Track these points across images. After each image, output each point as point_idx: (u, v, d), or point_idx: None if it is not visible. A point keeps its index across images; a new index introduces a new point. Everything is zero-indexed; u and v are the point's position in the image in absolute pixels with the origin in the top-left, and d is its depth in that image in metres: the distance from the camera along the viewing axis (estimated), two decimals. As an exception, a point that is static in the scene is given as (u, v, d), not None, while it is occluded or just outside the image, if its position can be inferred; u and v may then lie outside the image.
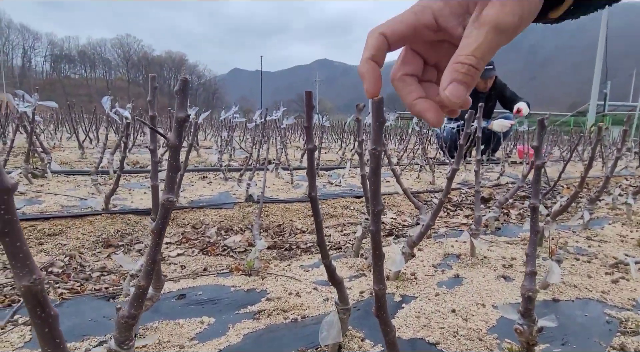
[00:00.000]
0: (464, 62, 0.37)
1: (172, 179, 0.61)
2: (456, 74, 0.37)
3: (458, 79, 0.37)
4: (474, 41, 0.37)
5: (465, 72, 0.37)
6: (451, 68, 0.38)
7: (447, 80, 0.38)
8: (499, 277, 1.29)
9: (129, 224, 1.93)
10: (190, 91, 50.59)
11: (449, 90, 0.37)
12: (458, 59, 0.37)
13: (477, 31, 0.37)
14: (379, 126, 0.46)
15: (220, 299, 1.10)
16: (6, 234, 0.33)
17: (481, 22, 0.36)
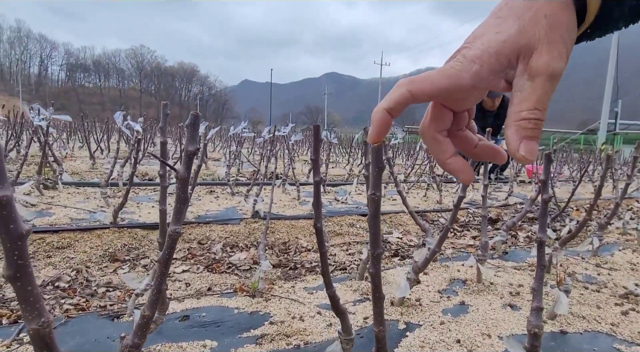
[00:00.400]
0: (530, 117, 0.36)
1: (180, 210, 0.62)
2: (525, 131, 0.36)
3: (528, 135, 0.36)
4: (532, 94, 0.36)
5: (533, 127, 0.36)
6: (516, 126, 0.36)
7: (516, 139, 0.36)
8: (505, 305, 1.27)
9: (136, 239, 1.95)
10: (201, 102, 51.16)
11: (523, 149, 0.36)
12: (521, 116, 0.36)
13: (532, 83, 0.36)
14: (379, 172, 0.46)
15: (224, 321, 1.10)
16: (18, 279, 0.34)
17: (534, 73, 0.35)
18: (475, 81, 0.38)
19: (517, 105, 0.36)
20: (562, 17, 0.36)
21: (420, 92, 0.38)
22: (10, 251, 0.33)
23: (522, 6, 0.36)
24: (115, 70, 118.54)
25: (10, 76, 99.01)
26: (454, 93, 0.39)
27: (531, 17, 0.36)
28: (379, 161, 0.44)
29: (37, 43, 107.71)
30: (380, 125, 0.40)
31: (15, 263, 0.33)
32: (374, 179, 0.45)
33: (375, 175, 0.44)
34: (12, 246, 0.33)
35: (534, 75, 0.35)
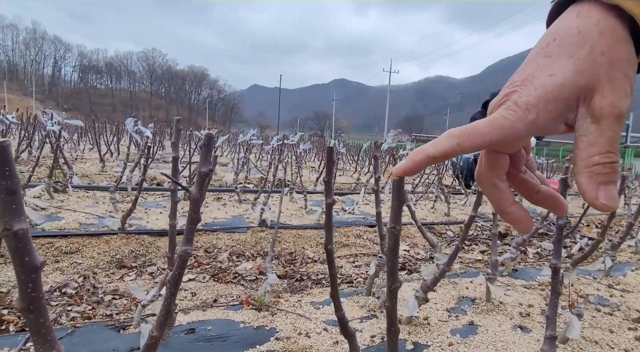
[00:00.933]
0: (603, 161, 0.33)
1: (191, 230, 0.61)
2: (600, 177, 0.33)
3: (605, 181, 0.33)
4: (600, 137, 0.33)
5: (609, 171, 0.33)
6: (589, 172, 0.34)
7: (593, 187, 0.34)
8: (515, 327, 1.25)
9: (143, 245, 1.95)
10: (210, 105, 51.48)
11: (603, 197, 0.33)
12: (593, 161, 0.33)
13: (598, 125, 0.33)
14: (399, 205, 0.45)
15: (230, 336, 1.09)
16: (31, 311, 0.33)
17: (598, 115, 0.33)
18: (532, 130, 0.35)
19: (585, 151, 0.33)
20: (621, 52, 0.33)
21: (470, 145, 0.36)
22: (25, 283, 0.33)
23: (574, 42, 0.33)
24: (127, 72, 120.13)
25: (24, 76, 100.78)
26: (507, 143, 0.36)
27: (586, 54, 0.33)
28: (400, 195, 0.43)
29: (52, 44, 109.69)
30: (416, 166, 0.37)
31: (29, 295, 0.33)
32: (394, 213, 0.44)
33: (396, 208, 0.43)
34: (26, 279, 0.33)
35: (599, 118, 0.33)
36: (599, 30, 0.33)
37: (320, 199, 3.33)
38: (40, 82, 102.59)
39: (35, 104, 52.68)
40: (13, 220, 0.31)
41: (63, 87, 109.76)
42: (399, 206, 0.43)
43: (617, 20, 0.33)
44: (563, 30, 0.34)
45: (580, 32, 0.33)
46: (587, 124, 0.33)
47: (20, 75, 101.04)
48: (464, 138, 0.35)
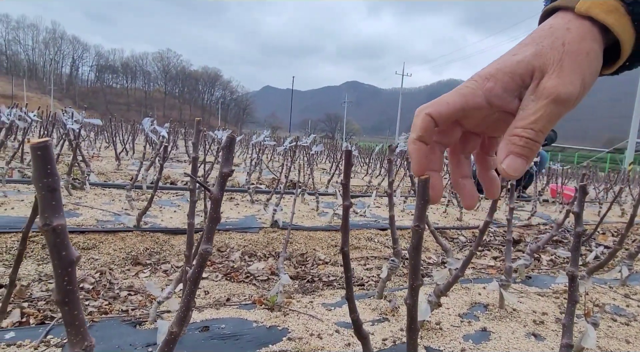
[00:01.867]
0: (521, 135, 0.36)
1: (211, 229, 0.63)
2: (513, 146, 0.36)
3: (515, 151, 0.36)
4: (531, 113, 0.36)
5: (523, 145, 0.36)
6: (507, 140, 0.37)
7: (504, 153, 0.37)
8: (529, 334, 1.23)
9: (158, 243, 1.98)
10: (223, 105, 51.98)
11: (506, 163, 0.36)
12: (515, 132, 0.36)
13: (535, 103, 0.36)
14: (424, 204, 0.46)
15: (243, 334, 1.10)
16: (66, 303, 0.35)
17: (540, 94, 0.36)
18: (489, 98, 0.38)
19: (515, 122, 0.37)
20: (582, 47, 0.36)
21: (438, 113, 0.39)
22: (61, 276, 0.34)
23: (543, 35, 0.37)
24: (142, 72, 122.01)
25: (43, 75, 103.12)
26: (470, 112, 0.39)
27: (550, 43, 0.36)
28: (425, 194, 0.44)
29: (70, 44, 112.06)
30: (418, 156, 0.41)
31: (65, 288, 0.35)
32: (419, 211, 0.44)
33: (421, 207, 0.44)
34: (63, 272, 0.34)
35: (539, 97, 0.35)
36: (566, 27, 0.36)
37: (332, 201, 3.33)
38: (59, 81, 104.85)
39: (53, 102, 53.85)
40: (53, 216, 0.33)
41: (80, 86, 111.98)
42: (424, 205, 0.44)
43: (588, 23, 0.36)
44: (539, 28, 0.39)
45: (551, 27, 0.37)
46: (529, 100, 0.36)
47: (39, 74, 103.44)
48: (431, 108, 0.40)
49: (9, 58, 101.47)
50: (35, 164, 0.32)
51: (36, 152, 0.31)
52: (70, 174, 2.42)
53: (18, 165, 2.94)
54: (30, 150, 0.32)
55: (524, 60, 0.37)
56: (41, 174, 0.32)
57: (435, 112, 0.40)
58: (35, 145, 0.31)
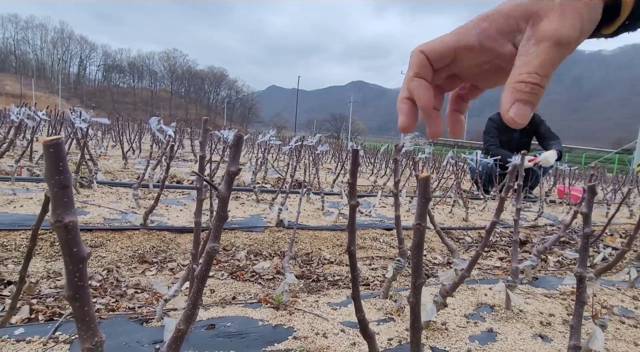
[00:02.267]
0: (527, 80, 0.35)
1: (218, 227, 0.63)
2: (519, 94, 0.35)
3: (522, 99, 0.35)
4: (534, 58, 0.35)
5: (530, 91, 0.35)
6: (512, 88, 0.36)
7: (509, 101, 0.36)
8: (535, 335, 1.22)
9: (164, 241, 1.99)
10: (228, 105, 52.28)
11: (514, 111, 0.36)
12: (519, 78, 0.36)
13: (537, 48, 0.35)
14: (425, 203, 0.46)
15: (248, 333, 1.10)
16: (77, 299, 0.35)
17: (540, 37, 0.35)
18: (482, 39, 0.38)
19: (517, 69, 0.36)
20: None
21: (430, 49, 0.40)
22: (72, 273, 0.35)
23: None
24: (149, 72, 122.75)
25: (51, 75, 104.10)
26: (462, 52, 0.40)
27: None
28: (426, 193, 0.44)
29: (78, 44, 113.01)
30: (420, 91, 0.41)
31: (76, 284, 0.35)
32: (420, 210, 0.44)
33: (422, 205, 0.44)
34: (74, 268, 0.35)
35: (540, 40, 0.35)
36: None
37: (337, 200, 3.33)
38: (66, 80, 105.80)
39: (61, 101, 54.31)
40: (64, 213, 0.33)
41: (87, 85, 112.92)
42: (425, 204, 0.44)
43: None
44: None
45: None
46: (529, 44, 0.36)
47: (47, 74, 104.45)
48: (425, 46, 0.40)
49: (18, 58, 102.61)
50: (48, 162, 0.32)
51: (48, 150, 0.32)
52: (78, 172, 2.44)
53: (27, 163, 2.97)
54: (42, 148, 0.32)
55: (522, 4, 0.36)
56: (53, 171, 0.32)
57: (428, 49, 0.41)
58: (47, 142, 0.32)
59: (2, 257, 1.62)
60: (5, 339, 0.96)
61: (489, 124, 4.98)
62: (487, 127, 4.97)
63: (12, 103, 2.82)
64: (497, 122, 4.91)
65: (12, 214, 2.01)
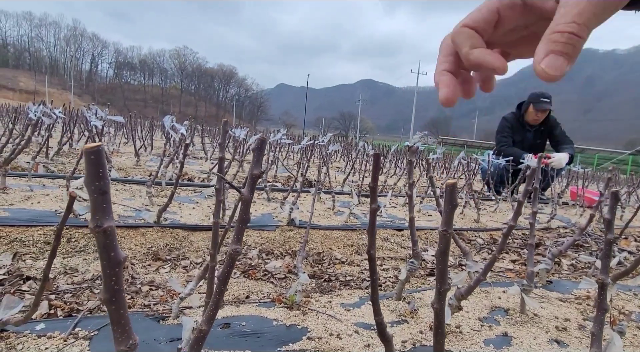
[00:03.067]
0: (564, 30, 0.33)
1: (241, 230, 0.63)
2: (554, 44, 0.33)
3: (557, 50, 0.33)
4: (574, 7, 0.33)
5: (566, 41, 0.33)
6: (547, 39, 0.34)
7: (542, 52, 0.34)
8: (551, 340, 1.21)
9: (177, 239, 2.01)
10: (237, 103, 52.50)
11: (546, 62, 0.34)
12: (556, 28, 0.34)
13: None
14: (452, 209, 0.46)
15: (263, 332, 1.11)
16: (113, 302, 0.36)
17: None
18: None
19: (556, 19, 0.34)
20: None
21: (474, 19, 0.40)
22: (109, 276, 0.35)
23: None
24: (159, 69, 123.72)
25: (64, 71, 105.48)
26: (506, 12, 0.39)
27: None
28: (453, 199, 0.44)
29: (90, 41, 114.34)
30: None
31: (112, 288, 0.36)
32: (447, 216, 0.44)
33: (448, 211, 0.44)
34: (111, 272, 0.35)
35: None
36: None
37: (347, 200, 3.33)
38: (79, 77, 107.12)
39: (73, 98, 54.98)
40: (103, 218, 0.34)
41: (99, 82, 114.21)
42: (452, 210, 0.44)
43: None
44: None
45: None
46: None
47: (60, 71, 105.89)
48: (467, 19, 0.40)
49: (32, 55, 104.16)
50: (88, 168, 0.33)
51: (89, 156, 0.32)
52: (93, 169, 2.48)
53: (43, 160, 3.02)
54: (83, 155, 0.33)
55: None
56: (93, 178, 0.33)
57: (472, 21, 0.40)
58: (89, 149, 0.32)
59: (21, 253, 1.65)
60: (27, 335, 0.98)
61: (502, 124, 4.90)
62: (500, 127, 4.89)
63: (27, 100, 2.85)
64: (511, 121, 4.84)
65: (29, 210, 2.04)
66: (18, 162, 3.22)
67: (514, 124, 4.82)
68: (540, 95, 4.59)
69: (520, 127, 4.81)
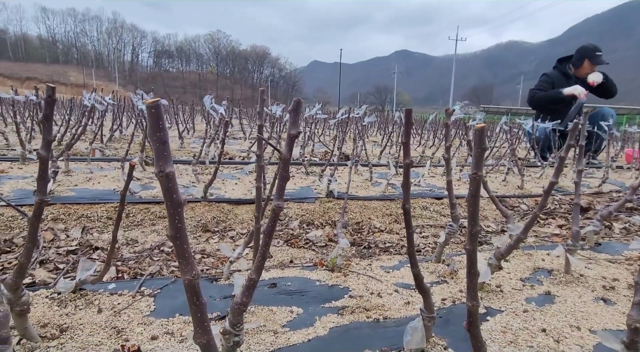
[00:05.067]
0: None
1: (281, 187, 0.69)
2: None
3: None
4: None
5: None
6: None
7: None
8: (597, 299, 1.19)
9: (223, 212, 2.13)
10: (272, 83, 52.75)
11: None
12: None
13: None
14: (481, 152, 0.48)
15: (307, 291, 1.19)
16: (177, 238, 0.42)
17: None
18: None
19: None
20: None
21: None
22: (173, 216, 0.41)
23: None
24: (195, 55, 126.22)
25: (108, 64, 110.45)
26: None
27: None
28: (482, 142, 0.46)
29: (130, 32, 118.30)
30: None
31: (176, 226, 0.42)
32: (476, 160, 0.46)
33: (478, 155, 0.46)
34: (174, 212, 0.41)
35: None
36: None
37: (385, 171, 3.33)
38: (122, 68, 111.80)
39: (118, 88, 57.68)
40: (165, 164, 0.39)
41: (140, 72, 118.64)
42: (481, 154, 0.46)
43: None
44: None
45: None
46: None
47: (105, 63, 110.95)
48: None
49: (79, 49, 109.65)
50: (150, 120, 0.38)
51: (150, 110, 0.37)
52: (143, 151, 2.65)
53: (99, 145, 3.26)
54: (145, 109, 0.38)
55: None
56: (154, 129, 0.38)
57: None
58: (149, 104, 0.37)
59: (88, 227, 1.84)
60: (101, 293, 1.11)
61: (541, 80, 4.61)
62: (542, 83, 4.60)
63: (78, 93, 3.06)
64: (553, 77, 4.53)
65: (91, 189, 2.24)
66: (77, 148, 3.50)
67: (557, 80, 4.51)
68: (595, 49, 4.26)
69: (565, 81, 4.50)
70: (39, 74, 78.43)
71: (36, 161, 2.78)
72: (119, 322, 0.97)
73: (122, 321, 0.97)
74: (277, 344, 0.90)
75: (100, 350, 0.85)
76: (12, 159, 2.89)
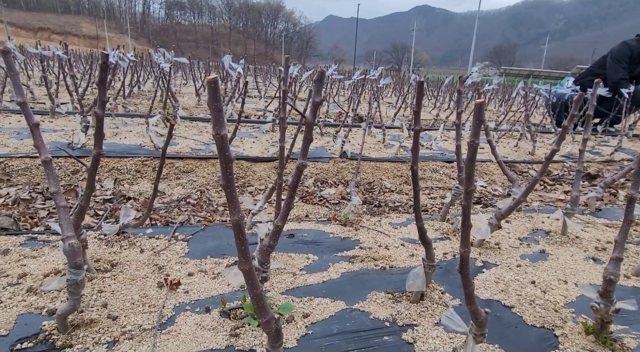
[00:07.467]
0: None
1: (305, 148, 0.78)
2: None
3: None
4: None
5: None
6: None
7: None
8: (588, 258, 1.30)
9: (242, 169, 2.26)
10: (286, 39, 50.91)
11: None
12: None
13: None
14: (478, 124, 0.56)
15: (321, 242, 1.32)
16: (228, 187, 0.53)
17: None
18: None
19: None
20: None
21: None
22: (225, 169, 0.52)
23: None
24: (207, 7, 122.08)
25: (120, 15, 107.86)
26: None
27: None
28: (480, 115, 0.54)
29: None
30: None
31: (227, 177, 0.52)
32: (475, 129, 0.55)
33: (477, 125, 0.55)
34: (226, 166, 0.52)
35: None
36: None
37: (398, 134, 3.38)
38: (133, 20, 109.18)
39: (131, 41, 56.82)
40: (220, 128, 0.49)
41: (152, 24, 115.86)
42: (479, 125, 0.54)
43: None
44: None
45: None
46: None
47: (116, 14, 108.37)
48: None
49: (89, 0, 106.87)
50: (210, 93, 0.47)
51: (210, 85, 0.47)
52: (165, 108, 2.75)
53: (122, 101, 3.36)
54: (206, 84, 0.48)
55: None
56: (213, 100, 0.48)
57: None
58: (210, 80, 0.47)
59: (119, 179, 1.99)
60: (141, 236, 1.26)
61: (622, 50, 4.26)
62: (620, 54, 4.26)
63: (91, 45, 3.12)
64: (633, 49, 4.20)
65: (119, 143, 2.37)
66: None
67: (634, 54, 4.20)
68: None
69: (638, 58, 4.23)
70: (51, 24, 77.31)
71: (64, 115, 2.91)
72: (159, 260, 1.12)
73: (162, 259, 1.12)
74: (296, 283, 1.05)
75: (147, 281, 1.00)
76: (40, 112, 3.02)
